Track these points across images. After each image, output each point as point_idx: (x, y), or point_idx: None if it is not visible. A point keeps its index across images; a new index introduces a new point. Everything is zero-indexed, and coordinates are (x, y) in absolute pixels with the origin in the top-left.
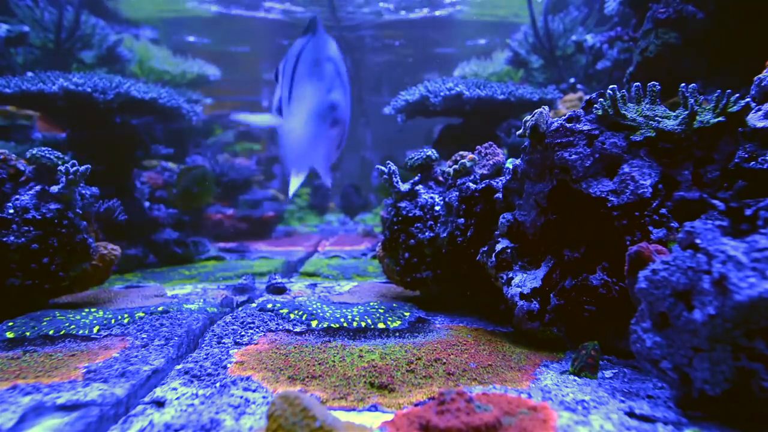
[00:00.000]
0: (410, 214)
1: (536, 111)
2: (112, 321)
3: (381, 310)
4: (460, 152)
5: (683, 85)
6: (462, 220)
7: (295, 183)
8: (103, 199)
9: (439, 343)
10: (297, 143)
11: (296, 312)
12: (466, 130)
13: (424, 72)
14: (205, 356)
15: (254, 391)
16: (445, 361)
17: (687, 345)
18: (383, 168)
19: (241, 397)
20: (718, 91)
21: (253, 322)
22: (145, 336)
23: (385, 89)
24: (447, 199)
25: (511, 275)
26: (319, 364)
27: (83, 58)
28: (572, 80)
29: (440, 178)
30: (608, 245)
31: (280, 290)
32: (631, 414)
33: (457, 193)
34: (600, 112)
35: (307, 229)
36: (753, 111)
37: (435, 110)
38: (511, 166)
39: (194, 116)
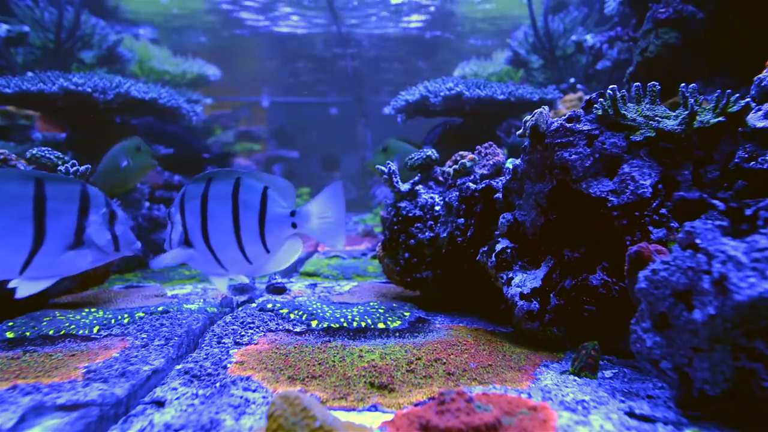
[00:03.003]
0: (410, 214)
1: (536, 111)
2: (112, 321)
3: (381, 310)
4: (460, 152)
5: (683, 85)
6: (462, 220)
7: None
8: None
9: (439, 343)
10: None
11: (296, 312)
12: (466, 130)
13: (423, 72)
14: (205, 356)
15: (254, 391)
16: (445, 361)
17: (687, 345)
18: (383, 168)
19: (241, 397)
20: (718, 91)
21: (253, 322)
22: (145, 336)
23: (386, 89)
24: (447, 199)
25: (511, 275)
26: (319, 364)
27: (83, 58)
28: (572, 80)
29: (440, 178)
30: (608, 245)
31: (280, 290)
32: (631, 414)
33: (457, 193)
34: (600, 112)
35: None
36: (753, 111)
37: (435, 110)
38: (511, 166)
39: (194, 116)
